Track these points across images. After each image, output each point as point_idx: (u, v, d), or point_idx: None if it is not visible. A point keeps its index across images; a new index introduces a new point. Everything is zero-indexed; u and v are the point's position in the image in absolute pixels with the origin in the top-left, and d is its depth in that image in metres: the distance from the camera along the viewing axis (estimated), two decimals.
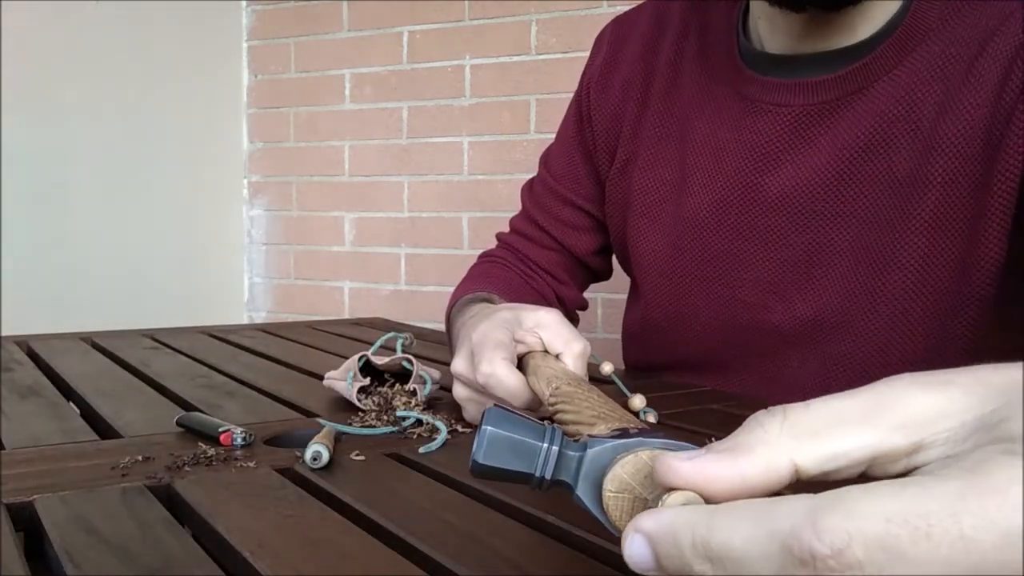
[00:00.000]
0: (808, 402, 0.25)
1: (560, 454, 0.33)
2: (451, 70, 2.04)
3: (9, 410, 0.72)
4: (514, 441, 0.33)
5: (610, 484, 0.31)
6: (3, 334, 1.15)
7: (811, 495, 0.22)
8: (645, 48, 0.91)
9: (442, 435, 0.63)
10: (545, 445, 0.33)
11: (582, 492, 0.32)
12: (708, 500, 0.26)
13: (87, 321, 1.64)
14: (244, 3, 2.29)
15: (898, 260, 0.74)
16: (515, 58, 1.95)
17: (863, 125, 0.75)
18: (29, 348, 1.05)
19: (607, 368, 0.75)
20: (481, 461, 0.33)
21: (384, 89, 2.13)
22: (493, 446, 0.33)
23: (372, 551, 0.42)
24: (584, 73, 0.99)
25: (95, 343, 1.09)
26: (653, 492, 0.31)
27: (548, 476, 0.33)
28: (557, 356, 0.63)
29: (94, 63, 2.02)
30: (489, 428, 0.33)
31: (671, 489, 0.26)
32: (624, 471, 0.31)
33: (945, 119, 0.71)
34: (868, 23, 0.75)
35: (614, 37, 0.95)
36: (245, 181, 2.34)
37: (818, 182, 0.77)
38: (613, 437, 0.33)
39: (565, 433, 0.34)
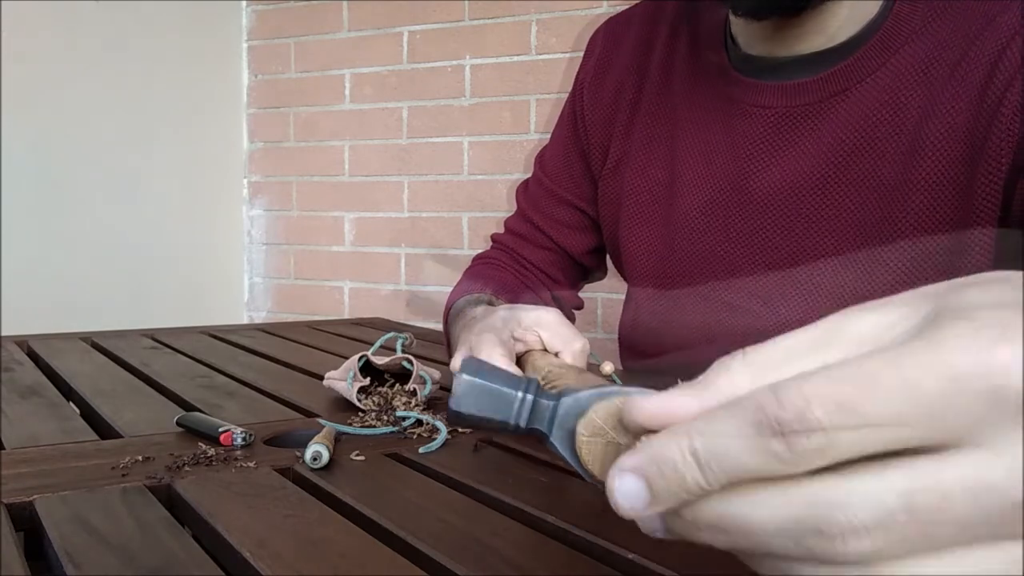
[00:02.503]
0: (766, 342, 0.27)
1: (535, 402, 0.34)
2: (451, 70, 2.04)
3: (9, 410, 0.72)
4: (490, 389, 0.34)
5: (583, 429, 0.32)
6: (3, 334, 1.15)
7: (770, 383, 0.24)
8: (638, 49, 0.91)
9: (442, 435, 0.63)
10: (520, 394, 0.34)
11: (556, 439, 0.33)
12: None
13: (87, 321, 1.64)
14: (244, 3, 2.29)
15: (886, 263, 0.74)
16: (515, 58, 1.95)
17: (847, 128, 0.75)
18: (29, 348, 1.05)
19: (607, 368, 0.75)
20: (455, 408, 0.34)
21: (384, 89, 2.13)
22: (469, 394, 0.34)
23: (372, 551, 0.42)
24: (578, 73, 0.99)
25: (95, 343, 1.09)
26: (626, 437, 0.31)
27: (523, 424, 0.33)
28: (556, 355, 0.63)
29: (94, 63, 2.02)
30: (465, 376, 0.34)
31: (647, 432, 0.28)
32: (597, 415, 0.32)
33: (929, 123, 0.71)
34: (844, 26, 0.75)
35: (607, 38, 0.96)
36: (245, 181, 2.34)
37: (802, 185, 0.77)
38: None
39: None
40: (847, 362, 0.23)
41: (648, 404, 0.27)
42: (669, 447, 0.25)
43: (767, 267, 0.80)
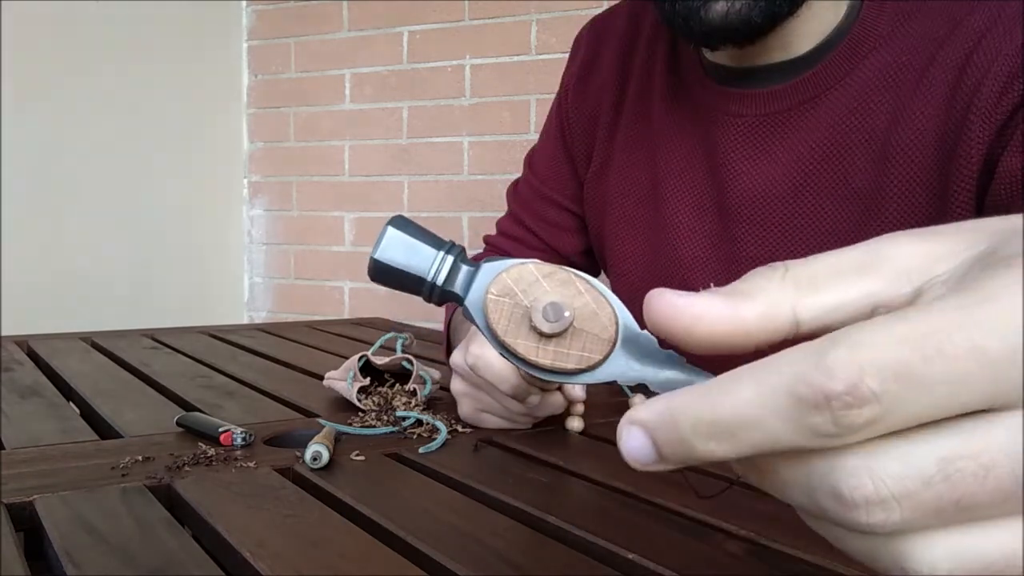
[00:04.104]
0: (808, 258, 0.24)
1: (455, 265, 0.34)
2: (451, 70, 2.04)
3: (9, 410, 0.72)
4: (412, 244, 0.34)
5: (493, 287, 0.32)
6: (3, 334, 1.15)
7: (809, 343, 0.21)
8: (621, 51, 0.91)
9: (442, 435, 0.63)
10: (441, 253, 0.34)
11: (470, 303, 0.33)
12: (701, 338, 0.24)
13: (87, 321, 1.64)
14: (244, 3, 2.28)
15: None
16: (515, 58, 1.95)
17: (817, 135, 0.75)
18: (29, 348, 1.05)
19: (638, 402, 0.74)
20: (377, 258, 0.34)
21: (384, 89, 2.13)
22: (391, 246, 0.34)
23: (372, 551, 0.42)
24: (564, 74, 0.99)
25: (95, 343, 1.09)
26: (535, 300, 0.31)
27: (439, 283, 0.33)
28: None
29: (94, 63, 2.02)
30: (390, 228, 0.34)
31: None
32: (509, 276, 0.32)
33: (898, 128, 0.71)
34: (807, 38, 0.75)
35: (591, 39, 0.95)
36: (245, 181, 2.34)
37: (775, 192, 0.77)
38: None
39: None
40: (900, 318, 0.20)
41: (677, 301, 0.24)
42: (682, 413, 0.22)
43: (742, 274, 0.79)
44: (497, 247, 1.02)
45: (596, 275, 1.06)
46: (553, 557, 0.43)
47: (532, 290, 0.31)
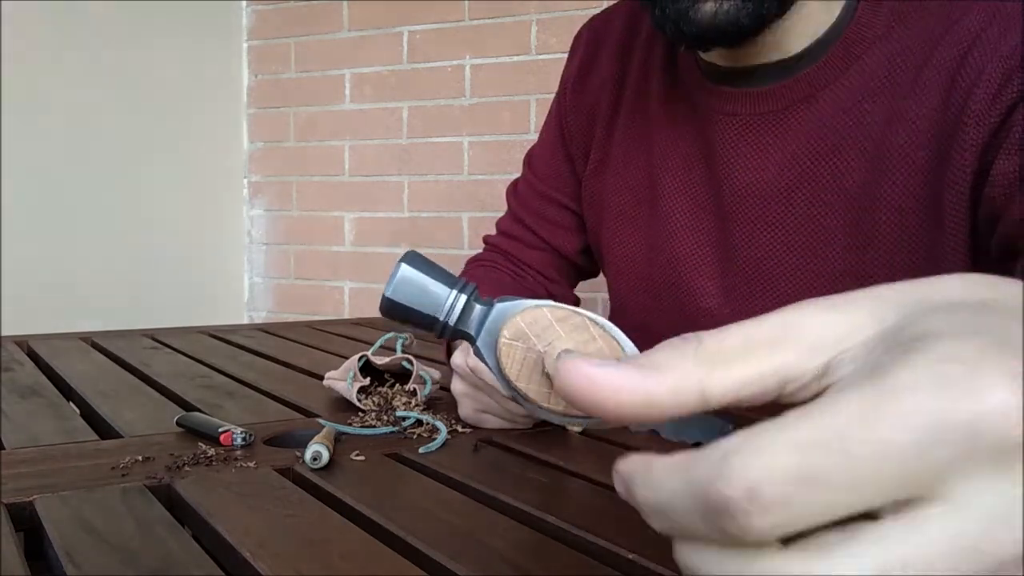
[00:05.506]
0: (722, 329, 0.25)
1: (467, 304, 0.33)
2: (451, 70, 2.04)
3: (9, 410, 0.72)
4: (425, 283, 0.34)
5: (507, 331, 0.32)
6: (3, 334, 1.15)
7: (727, 441, 0.21)
8: (619, 51, 0.92)
9: (442, 435, 0.63)
10: (454, 292, 0.33)
11: (482, 344, 0.33)
12: (611, 412, 0.25)
13: (87, 321, 1.64)
14: (244, 3, 2.28)
15: (858, 274, 0.73)
16: (515, 58, 1.95)
17: (812, 134, 0.74)
18: (29, 348, 1.05)
19: None
20: (389, 296, 0.33)
21: (384, 89, 2.13)
22: (403, 284, 0.33)
23: (372, 551, 0.42)
24: (563, 74, 0.99)
25: (95, 343, 1.09)
26: (549, 345, 0.31)
27: (452, 323, 0.33)
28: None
29: (94, 63, 2.02)
30: (403, 265, 0.34)
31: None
32: (523, 320, 0.32)
33: (892, 129, 0.70)
34: (800, 39, 0.75)
35: (590, 39, 0.96)
36: (245, 181, 2.34)
37: (770, 190, 0.77)
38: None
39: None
40: (804, 416, 0.20)
41: (591, 372, 0.25)
42: (630, 483, 0.24)
43: (736, 276, 0.80)
44: (497, 247, 1.02)
45: (595, 274, 1.06)
46: (553, 557, 0.43)
47: (546, 335, 0.31)
